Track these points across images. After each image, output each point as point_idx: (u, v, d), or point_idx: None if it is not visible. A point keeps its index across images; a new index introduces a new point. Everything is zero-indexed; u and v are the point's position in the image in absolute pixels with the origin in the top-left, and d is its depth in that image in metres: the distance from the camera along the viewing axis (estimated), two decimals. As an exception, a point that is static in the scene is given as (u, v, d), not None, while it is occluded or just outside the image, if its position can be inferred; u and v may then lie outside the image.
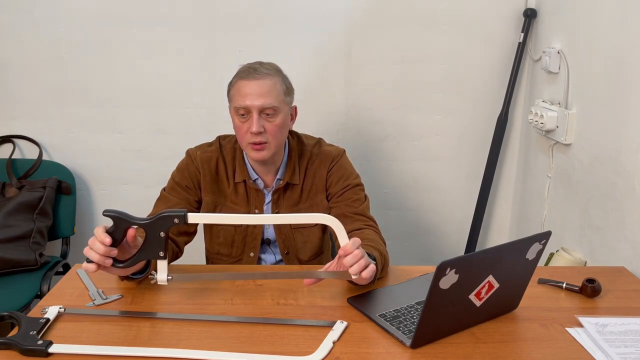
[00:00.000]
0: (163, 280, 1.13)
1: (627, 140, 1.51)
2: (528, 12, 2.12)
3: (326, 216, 1.11)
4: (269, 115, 1.40)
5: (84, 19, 2.15)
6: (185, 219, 1.08)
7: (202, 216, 1.14)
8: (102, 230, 1.08)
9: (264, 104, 1.38)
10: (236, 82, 1.42)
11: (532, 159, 2.17)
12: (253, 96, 1.38)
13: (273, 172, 1.51)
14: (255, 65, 1.43)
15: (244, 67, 1.44)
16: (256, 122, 1.38)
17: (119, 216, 1.08)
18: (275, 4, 2.15)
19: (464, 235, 2.39)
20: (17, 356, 1.01)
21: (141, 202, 2.28)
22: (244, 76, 1.41)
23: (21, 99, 2.23)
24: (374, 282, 1.22)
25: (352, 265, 1.10)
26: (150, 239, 1.10)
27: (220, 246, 1.54)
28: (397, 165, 2.35)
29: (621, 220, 1.53)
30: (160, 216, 1.08)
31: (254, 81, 1.39)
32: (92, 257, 1.07)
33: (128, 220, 1.08)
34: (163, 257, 1.11)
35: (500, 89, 2.25)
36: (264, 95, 1.38)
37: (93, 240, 1.07)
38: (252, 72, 1.40)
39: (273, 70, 1.43)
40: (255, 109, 1.38)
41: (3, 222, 2.02)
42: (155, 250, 1.11)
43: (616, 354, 1.02)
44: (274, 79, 1.41)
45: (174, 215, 1.08)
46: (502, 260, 1.05)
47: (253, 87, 1.38)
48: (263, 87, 1.39)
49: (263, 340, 1.06)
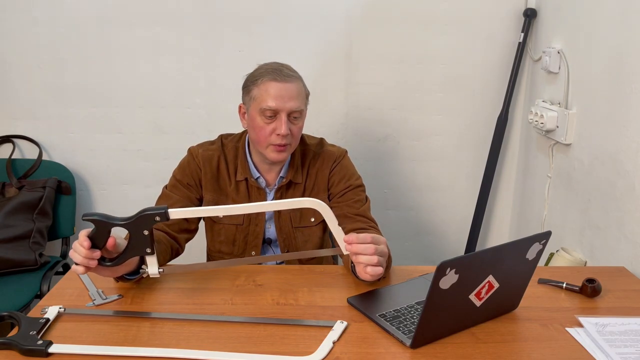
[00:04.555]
0: (155, 273, 1.14)
1: (627, 140, 1.51)
2: (528, 12, 2.12)
3: (314, 200, 1.10)
4: (295, 118, 1.41)
5: (84, 19, 2.15)
6: (167, 215, 1.07)
7: (183, 211, 1.11)
8: (84, 233, 1.07)
9: (294, 107, 1.39)
10: (263, 83, 1.40)
11: (532, 159, 2.17)
12: (284, 99, 1.38)
13: (276, 171, 1.51)
14: (278, 67, 1.42)
15: (267, 68, 1.43)
16: (285, 124, 1.38)
17: (99, 219, 1.06)
18: (275, 4, 2.15)
19: (464, 235, 2.39)
20: (17, 356, 1.01)
21: (141, 202, 2.28)
22: (272, 77, 1.39)
23: (21, 99, 2.23)
24: (378, 280, 1.23)
25: (361, 254, 1.12)
26: (135, 237, 1.09)
27: (221, 244, 1.55)
28: (397, 165, 2.35)
29: (621, 220, 1.53)
30: (141, 216, 1.07)
31: (283, 84, 1.39)
32: (76, 259, 1.08)
33: (108, 222, 1.07)
34: (150, 253, 1.11)
35: (500, 89, 2.25)
36: (293, 99, 1.39)
37: (76, 244, 1.08)
38: (279, 73, 1.40)
39: (296, 72, 1.45)
40: (284, 112, 1.39)
41: (3, 222, 2.02)
42: (142, 247, 1.10)
43: (616, 354, 1.02)
44: (300, 83, 1.43)
45: (154, 214, 1.07)
46: (502, 260, 1.05)
47: (282, 89, 1.38)
48: (293, 90, 1.39)
49: (263, 340, 1.06)
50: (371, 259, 1.13)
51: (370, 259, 1.13)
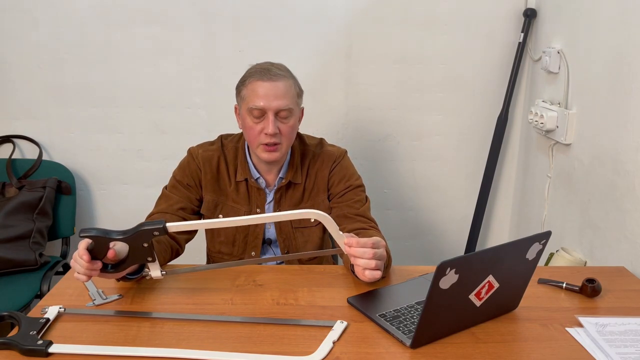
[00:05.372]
0: (158, 276, 1.15)
1: (627, 140, 1.51)
2: (528, 12, 2.13)
3: (316, 211, 1.10)
4: (284, 117, 1.40)
5: (84, 19, 2.15)
6: (165, 230, 1.06)
7: (182, 224, 1.10)
8: (83, 246, 1.07)
9: (280, 106, 1.38)
10: (250, 83, 1.41)
11: (532, 158, 2.17)
12: (269, 97, 1.38)
13: (275, 171, 1.51)
14: (268, 66, 1.42)
15: (256, 68, 1.43)
16: (272, 123, 1.38)
17: (96, 235, 1.05)
18: (275, 4, 2.15)
19: (464, 235, 2.39)
20: (17, 356, 1.01)
21: (141, 202, 2.29)
22: (259, 77, 1.39)
23: (21, 99, 2.23)
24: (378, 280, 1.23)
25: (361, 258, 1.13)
26: (135, 249, 1.09)
27: (221, 245, 1.55)
28: (397, 165, 2.35)
29: (621, 220, 1.53)
30: (139, 231, 1.06)
31: (269, 82, 1.38)
32: (78, 270, 1.09)
33: (106, 238, 1.06)
34: (152, 261, 1.12)
35: (500, 89, 2.25)
36: (280, 97, 1.38)
37: (76, 256, 1.08)
38: (267, 72, 1.39)
39: (286, 71, 1.44)
40: (271, 111, 1.38)
41: (3, 222, 2.02)
42: (143, 257, 1.11)
43: (616, 354, 1.02)
44: (289, 81, 1.42)
45: (152, 229, 1.06)
46: (502, 260, 1.05)
47: (269, 88, 1.38)
48: (279, 88, 1.38)
49: (263, 340, 1.06)
50: (369, 263, 1.13)
51: (368, 263, 1.13)
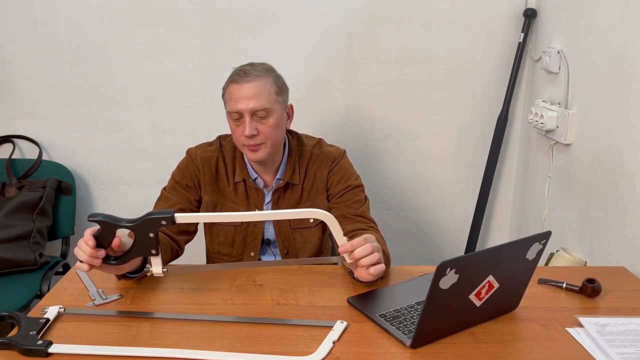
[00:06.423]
0: (159, 273, 1.15)
1: (627, 140, 1.51)
2: (528, 12, 2.12)
3: (319, 211, 1.10)
4: (262, 117, 1.40)
5: (84, 19, 2.15)
6: (173, 220, 1.06)
7: (190, 216, 1.12)
8: (89, 232, 1.08)
9: (255, 107, 1.38)
10: (228, 86, 1.43)
11: (532, 158, 2.17)
12: (243, 99, 1.38)
13: (272, 172, 1.51)
14: (246, 68, 1.42)
15: (235, 70, 1.44)
16: (248, 125, 1.38)
17: (105, 220, 1.06)
18: (275, 4, 2.15)
19: (464, 235, 2.39)
20: (17, 356, 1.01)
21: (141, 202, 2.29)
22: (234, 80, 1.41)
23: (21, 99, 2.23)
24: (376, 280, 1.23)
25: (362, 257, 1.13)
26: (140, 239, 1.09)
27: (220, 245, 1.55)
28: (397, 165, 2.35)
29: (621, 220, 1.53)
30: (147, 219, 1.07)
31: (244, 84, 1.39)
32: (81, 257, 1.09)
33: (114, 224, 1.07)
34: (155, 254, 1.12)
35: (500, 89, 2.25)
36: (254, 98, 1.38)
37: (81, 242, 1.09)
38: (243, 74, 1.40)
39: (264, 71, 1.42)
40: (247, 112, 1.38)
41: (3, 222, 2.02)
42: (147, 248, 1.11)
43: (616, 354, 1.02)
44: (264, 80, 1.40)
45: (161, 218, 1.06)
46: (502, 260, 1.05)
47: (243, 90, 1.38)
48: (253, 89, 1.38)
49: (263, 340, 1.06)
50: (372, 257, 1.14)
51: (371, 258, 1.14)
